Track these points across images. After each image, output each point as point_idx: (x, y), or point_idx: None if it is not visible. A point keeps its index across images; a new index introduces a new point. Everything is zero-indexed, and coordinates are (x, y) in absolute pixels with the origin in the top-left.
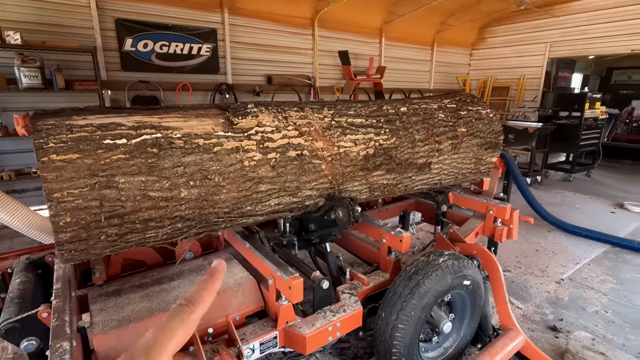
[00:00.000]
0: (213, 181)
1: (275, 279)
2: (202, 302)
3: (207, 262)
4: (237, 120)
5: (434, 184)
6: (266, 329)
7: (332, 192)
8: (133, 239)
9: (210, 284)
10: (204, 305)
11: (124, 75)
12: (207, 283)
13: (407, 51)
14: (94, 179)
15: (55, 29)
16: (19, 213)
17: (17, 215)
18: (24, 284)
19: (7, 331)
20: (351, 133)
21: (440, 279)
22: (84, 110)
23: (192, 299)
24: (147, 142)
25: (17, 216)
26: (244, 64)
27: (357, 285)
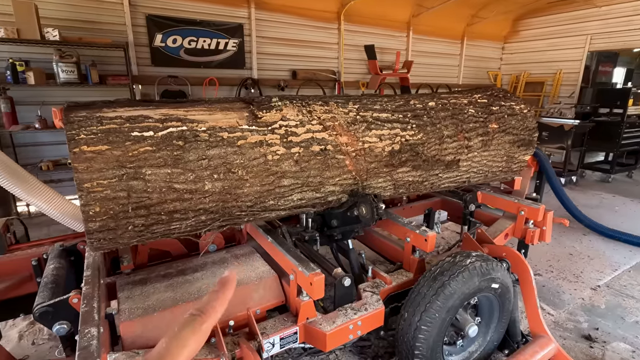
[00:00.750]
0: (237, 175)
1: (296, 274)
2: (213, 312)
3: (229, 254)
4: (262, 114)
5: (462, 182)
6: (286, 324)
7: (355, 188)
8: (158, 229)
9: (221, 294)
10: (216, 315)
11: (154, 70)
12: (219, 293)
13: (435, 45)
14: (122, 170)
15: (90, 26)
16: (55, 201)
17: (53, 204)
18: (58, 269)
19: (40, 314)
20: (376, 128)
21: (467, 281)
22: (114, 102)
23: (204, 309)
24: (173, 135)
25: (53, 204)
26: (269, 59)
27: (380, 284)
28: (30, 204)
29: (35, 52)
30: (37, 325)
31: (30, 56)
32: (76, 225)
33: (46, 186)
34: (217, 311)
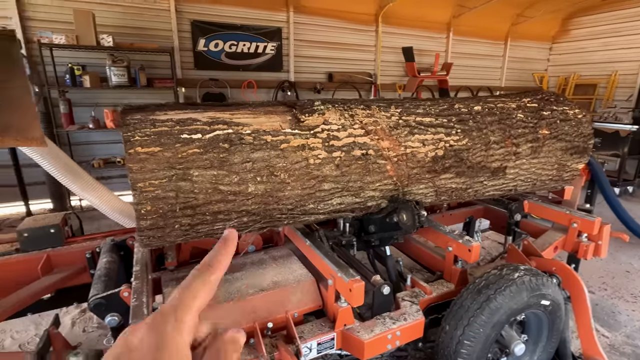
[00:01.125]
0: (279, 178)
1: (335, 280)
2: (220, 265)
3: (267, 256)
4: (304, 118)
5: (507, 190)
6: (324, 329)
7: (395, 194)
8: (203, 229)
9: (225, 248)
10: (222, 268)
11: (196, 73)
12: (223, 248)
13: (476, 46)
14: (172, 171)
15: (140, 32)
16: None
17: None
18: (109, 263)
19: (94, 306)
20: (419, 133)
21: (515, 296)
22: (165, 105)
23: (211, 262)
24: (219, 138)
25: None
26: (306, 62)
27: (419, 294)
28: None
29: (91, 57)
30: (88, 314)
31: (87, 61)
32: (124, 220)
33: (98, 183)
34: (223, 264)
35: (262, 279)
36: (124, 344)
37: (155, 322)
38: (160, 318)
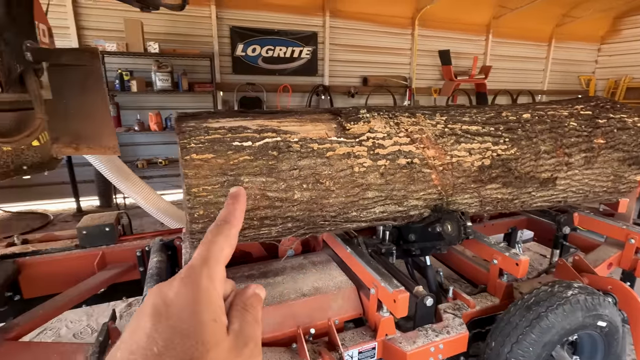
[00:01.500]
0: (324, 185)
1: (378, 289)
2: (236, 219)
3: (307, 261)
4: (349, 126)
5: (557, 201)
6: (365, 338)
7: (439, 204)
8: (249, 234)
9: (237, 204)
10: (239, 222)
11: (234, 77)
12: (236, 204)
13: (517, 48)
14: (223, 177)
15: (182, 38)
16: (151, 198)
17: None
18: (160, 262)
19: None
20: (466, 141)
21: (569, 316)
22: (216, 113)
23: (228, 218)
24: (268, 145)
25: (149, 200)
26: (341, 66)
27: (462, 306)
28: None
29: (138, 63)
30: (134, 308)
31: (134, 67)
32: (166, 220)
33: (145, 183)
34: (238, 219)
35: (303, 283)
36: (159, 297)
37: (189, 275)
38: (194, 271)
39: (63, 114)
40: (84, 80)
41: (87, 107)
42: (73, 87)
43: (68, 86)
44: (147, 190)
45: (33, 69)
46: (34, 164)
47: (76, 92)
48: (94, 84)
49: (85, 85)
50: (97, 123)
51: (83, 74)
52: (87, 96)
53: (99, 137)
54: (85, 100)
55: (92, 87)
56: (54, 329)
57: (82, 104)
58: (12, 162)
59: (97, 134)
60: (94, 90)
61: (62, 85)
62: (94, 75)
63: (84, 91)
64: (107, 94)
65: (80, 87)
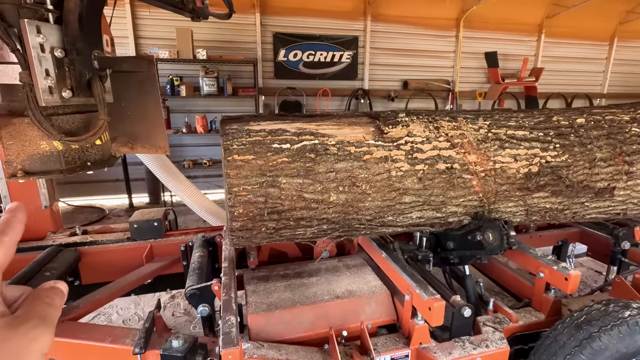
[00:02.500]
0: (360, 188)
1: (412, 296)
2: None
3: (341, 263)
4: (387, 130)
5: (615, 213)
6: (398, 344)
7: (480, 211)
8: (285, 234)
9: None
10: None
11: (275, 82)
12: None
13: (573, 49)
14: (262, 178)
15: (228, 45)
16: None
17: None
18: (201, 257)
19: (190, 295)
20: (511, 147)
21: (625, 338)
22: (258, 116)
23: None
24: (306, 148)
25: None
26: (381, 70)
27: (503, 320)
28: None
29: (187, 69)
30: (176, 300)
31: (184, 72)
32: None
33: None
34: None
35: (337, 285)
36: None
37: None
38: None
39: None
40: (140, 85)
41: (142, 110)
42: (131, 92)
43: (127, 90)
44: (192, 188)
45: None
46: (96, 161)
47: (133, 96)
48: (150, 88)
49: (141, 89)
50: (150, 124)
51: (140, 80)
52: (143, 100)
53: (152, 137)
54: (141, 104)
55: (148, 91)
56: (107, 314)
57: (138, 107)
58: (79, 159)
59: (150, 135)
60: (149, 94)
61: (122, 90)
62: (150, 81)
63: (140, 95)
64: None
65: (137, 92)
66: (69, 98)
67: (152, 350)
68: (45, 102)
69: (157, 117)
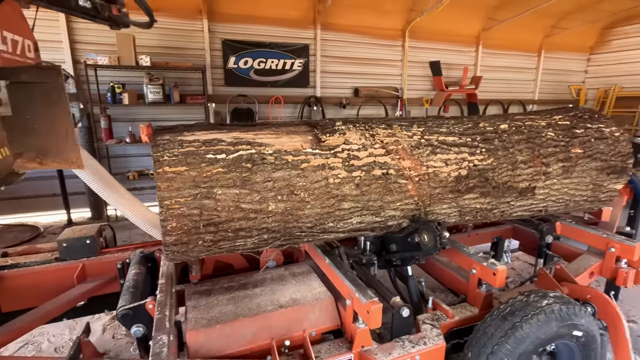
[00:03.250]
0: (299, 197)
1: (353, 300)
2: None
3: (287, 272)
4: (325, 138)
5: (537, 211)
6: (341, 349)
7: (417, 214)
8: (225, 245)
9: None
10: None
11: (226, 90)
12: None
13: (507, 59)
14: (196, 189)
15: (174, 51)
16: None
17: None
18: (137, 275)
19: (122, 316)
20: (442, 152)
21: (543, 326)
22: (193, 126)
23: None
24: (242, 158)
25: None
26: (332, 77)
27: (441, 317)
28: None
29: (130, 75)
30: (116, 322)
31: (126, 79)
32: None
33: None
34: None
35: (281, 295)
36: None
37: None
38: None
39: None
40: (46, 97)
41: (49, 123)
42: (35, 104)
43: (30, 103)
44: (133, 201)
45: None
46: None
47: (38, 108)
48: (56, 99)
49: (47, 101)
50: (60, 138)
51: (45, 91)
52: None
53: (63, 151)
54: (48, 116)
55: (55, 102)
56: (36, 342)
57: (44, 120)
58: None
59: (61, 149)
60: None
61: (23, 102)
62: (56, 92)
63: (46, 107)
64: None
65: (43, 103)
66: None
67: None
68: None
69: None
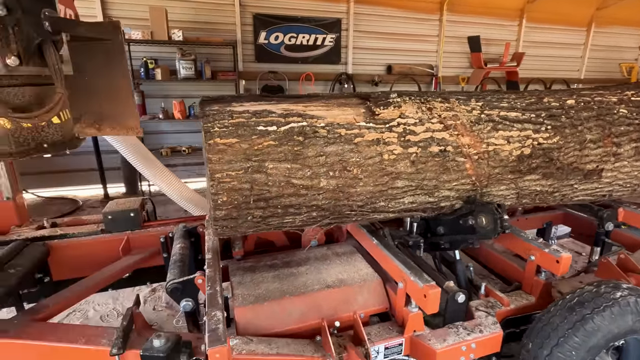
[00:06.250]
0: (351, 173)
1: (406, 283)
2: None
3: (330, 251)
4: (379, 111)
5: (601, 195)
6: (392, 333)
7: (472, 195)
8: (273, 222)
9: None
10: None
11: (256, 66)
12: None
13: (553, 34)
14: (248, 162)
15: (205, 26)
16: (175, 185)
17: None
18: (183, 249)
19: (172, 290)
20: (504, 129)
21: (617, 319)
22: (241, 97)
23: None
24: (294, 130)
25: (174, 188)
26: (365, 54)
27: (495, 304)
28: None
29: (162, 51)
30: (157, 293)
31: (159, 55)
32: (190, 207)
33: (169, 171)
34: None
35: (327, 274)
36: None
37: None
38: None
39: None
40: (106, 57)
41: (109, 85)
42: (95, 64)
43: (90, 62)
44: (171, 177)
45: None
46: (54, 143)
47: (98, 69)
48: (117, 60)
49: (107, 62)
50: (119, 102)
51: (106, 50)
52: (110, 74)
53: (122, 116)
54: (108, 78)
55: (115, 64)
56: (82, 310)
57: (104, 82)
58: (33, 140)
59: (119, 114)
60: (117, 67)
61: (84, 61)
62: (116, 51)
63: (106, 68)
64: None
65: (103, 64)
66: (15, 66)
67: (132, 351)
68: None
69: (127, 93)
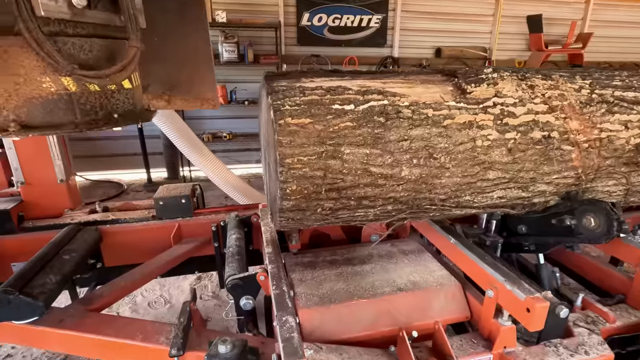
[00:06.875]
0: (438, 161)
1: (498, 292)
2: None
3: (395, 249)
4: (470, 88)
5: None
6: (477, 348)
7: (573, 191)
8: (343, 215)
9: None
10: None
11: (299, 49)
12: None
13: (625, 12)
14: (322, 147)
15: (247, 8)
16: (221, 171)
17: (220, 173)
18: (239, 240)
19: (232, 286)
20: (621, 112)
21: None
22: (309, 72)
23: None
24: (374, 110)
25: (220, 174)
26: (412, 35)
27: (596, 320)
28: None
29: None
30: (203, 282)
31: None
32: (235, 195)
33: (216, 157)
34: None
35: (396, 275)
36: None
37: None
38: None
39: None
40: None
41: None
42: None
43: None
44: (218, 163)
45: None
46: (126, 113)
47: (172, 26)
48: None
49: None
50: (195, 68)
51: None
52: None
53: (197, 85)
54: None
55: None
56: (131, 295)
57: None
58: (101, 108)
59: (194, 82)
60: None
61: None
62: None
63: (181, 26)
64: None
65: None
66: (82, 9)
67: (192, 352)
68: (46, 10)
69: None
